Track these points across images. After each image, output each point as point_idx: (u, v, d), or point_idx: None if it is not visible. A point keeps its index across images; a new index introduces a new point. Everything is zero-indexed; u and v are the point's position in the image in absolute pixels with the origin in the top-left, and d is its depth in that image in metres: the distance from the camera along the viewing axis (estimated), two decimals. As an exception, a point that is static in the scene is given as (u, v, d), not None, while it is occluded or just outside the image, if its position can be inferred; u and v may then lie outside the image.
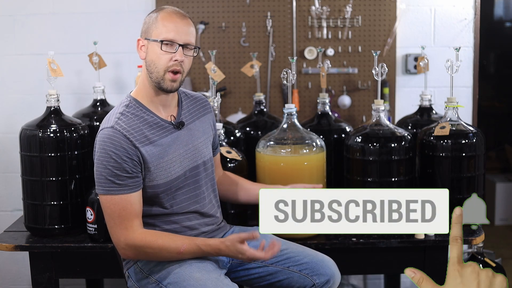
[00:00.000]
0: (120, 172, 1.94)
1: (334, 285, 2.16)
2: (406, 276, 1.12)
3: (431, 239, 2.37)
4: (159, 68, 1.99)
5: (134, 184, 1.97)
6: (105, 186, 1.95)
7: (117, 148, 1.94)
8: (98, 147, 1.97)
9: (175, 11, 2.02)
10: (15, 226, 2.59)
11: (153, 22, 2.01)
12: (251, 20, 3.18)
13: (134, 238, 1.96)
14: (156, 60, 1.99)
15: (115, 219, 1.97)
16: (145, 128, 2.00)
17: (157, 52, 1.99)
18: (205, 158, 2.14)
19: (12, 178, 3.20)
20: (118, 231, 1.97)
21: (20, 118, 2.91)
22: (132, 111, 2.02)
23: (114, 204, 1.96)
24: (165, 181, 2.02)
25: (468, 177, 2.49)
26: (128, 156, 1.94)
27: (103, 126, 1.99)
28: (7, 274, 3.35)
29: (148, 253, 1.98)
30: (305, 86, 3.22)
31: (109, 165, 1.94)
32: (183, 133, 2.08)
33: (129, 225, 1.96)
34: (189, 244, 1.97)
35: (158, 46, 1.98)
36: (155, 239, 1.97)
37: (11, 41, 3.17)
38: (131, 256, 2.01)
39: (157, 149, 2.00)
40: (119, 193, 1.95)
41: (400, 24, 3.19)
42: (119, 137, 1.95)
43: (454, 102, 2.53)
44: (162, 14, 2.01)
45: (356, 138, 2.47)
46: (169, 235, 2.01)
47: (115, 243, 2.01)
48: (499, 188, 4.55)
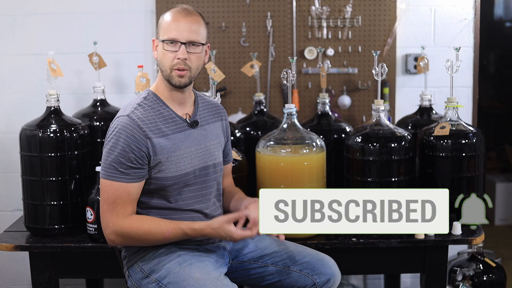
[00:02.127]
0: (124, 161, 1.96)
1: (335, 284, 2.16)
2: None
3: (431, 239, 2.37)
4: (166, 67, 2.04)
5: (135, 174, 1.99)
6: (108, 170, 1.99)
7: (129, 136, 1.97)
8: (111, 133, 2.01)
9: (180, 10, 2.06)
10: (15, 226, 2.59)
11: (161, 22, 2.07)
12: (251, 20, 3.18)
13: (121, 224, 1.99)
14: (162, 59, 2.05)
15: (109, 204, 1.99)
16: (160, 121, 2.04)
17: (162, 51, 2.04)
18: (216, 161, 2.17)
19: (12, 178, 3.20)
20: (108, 216, 2.00)
21: (20, 118, 2.92)
22: (149, 103, 2.06)
23: (111, 189, 1.98)
24: (174, 175, 2.04)
25: (468, 177, 2.49)
26: (137, 146, 1.97)
27: (119, 114, 2.04)
28: (7, 274, 3.35)
29: (134, 239, 2.01)
30: (305, 86, 3.22)
31: (116, 151, 1.97)
32: (197, 132, 2.11)
33: (120, 212, 1.99)
34: (174, 229, 2.00)
35: (162, 45, 2.04)
36: (141, 224, 1.99)
37: (11, 41, 3.17)
38: (117, 243, 2.03)
39: (169, 142, 2.03)
40: (119, 180, 1.98)
41: (400, 24, 3.19)
42: (133, 125, 1.98)
43: (454, 102, 2.53)
44: (167, 14, 2.06)
45: (356, 138, 2.47)
46: (154, 219, 2.03)
47: (103, 227, 2.03)
48: (499, 188, 4.55)
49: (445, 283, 2.42)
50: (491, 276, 2.90)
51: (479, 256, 2.93)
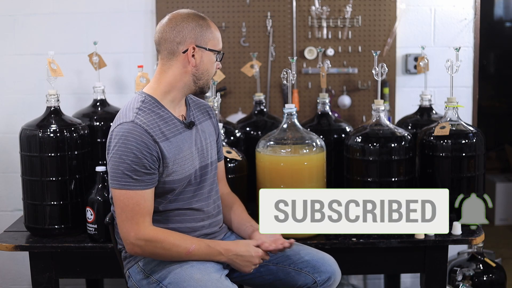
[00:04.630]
0: (138, 168, 1.94)
1: (335, 282, 2.17)
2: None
3: (431, 239, 2.37)
4: (210, 76, 2.10)
5: (150, 180, 1.97)
6: (121, 180, 1.95)
7: (138, 143, 1.94)
8: (117, 141, 1.95)
9: (209, 20, 2.11)
10: (15, 226, 2.59)
11: (206, 30, 2.05)
12: (251, 20, 3.18)
13: (146, 233, 1.96)
14: (210, 69, 2.08)
15: (127, 213, 1.96)
16: (162, 124, 2.02)
17: (212, 62, 2.07)
18: (212, 159, 2.17)
19: (12, 178, 3.20)
20: (128, 226, 1.96)
21: (20, 118, 2.91)
22: (148, 107, 2.03)
23: (128, 198, 1.95)
24: (180, 177, 2.03)
25: (468, 177, 2.49)
26: (148, 151, 1.95)
27: (122, 121, 1.98)
28: (7, 274, 3.35)
29: (158, 249, 1.98)
30: (305, 86, 3.21)
31: (128, 159, 1.93)
32: (193, 132, 2.11)
33: (140, 221, 1.96)
34: (199, 244, 2.01)
35: (214, 56, 2.07)
36: (167, 236, 1.98)
37: (11, 41, 3.17)
38: (138, 252, 2.00)
39: (172, 145, 2.02)
40: (134, 188, 1.95)
41: (400, 24, 3.19)
42: (141, 131, 1.95)
43: (454, 102, 2.53)
44: (210, 23, 2.08)
45: (356, 138, 2.47)
46: (179, 234, 2.02)
47: (124, 237, 1.99)
48: (499, 188, 4.55)
49: (445, 283, 2.42)
50: (491, 276, 2.90)
51: (479, 256, 2.93)
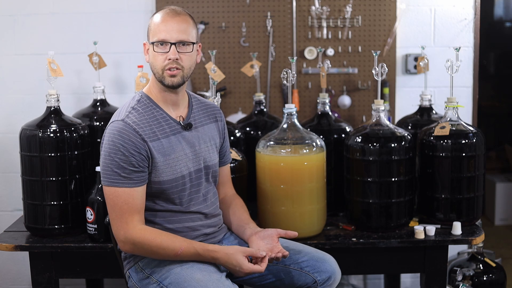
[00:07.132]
0: (126, 165, 1.96)
1: (335, 282, 2.17)
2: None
3: (431, 239, 2.37)
4: (158, 69, 2.04)
5: (138, 178, 1.99)
6: (110, 177, 1.98)
7: (126, 142, 1.97)
8: (107, 139, 1.99)
9: (168, 11, 2.06)
10: (15, 226, 2.59)
11: (150, 24, 2.08)
12: (251, 20, 3.18)
13: (133, 233, 1.98)
14: (153, 61, 2.05)
15: (117, 211, 1.99)
16: (154, 124, 2.04)
17: (153, 53, 2.05)
18: (210, 163, 2.17)
19: (12, 178, 3.20)
20: (118, 224, 2.00)
21: (20, 118, 2.92)
22: (143, 106, 2.06)
23: (116, 196, 1.98)
24: (170, 178, 2.04)
25: (468, 177, 2.49)
26: (136, 150, 1.97)
27: (114, 119, 2.03)
28: (7, 274, 3.35)
29: (146, 250, 2.00)
30: (305, 86, 3.21)
31: (116, 157, 1.96)
32: (190, 134, 2.11)
33: (129, 220, 1.98)
34: (187, 247, 2.00)
35: (153, 48, 2.04)
36: (153, 237, 1.98)
37: (11, 41, 3.17)
38: (128, 250, 2.03)
39: (164, 145, 2.03)
40: (123, 186, 1.97)
41: (400, 24, 3.19)
42: (129, 130, 1.98)
43: (454, 102, 2.53)
44: (155, 16, 2.07)
45: (356, 138, 2.47)
46: (168, 235, 2.02)
47: (115, 235, 2.03)
48: (499, 188, 4.55)
49: (445, 283, 2.42)
50: (491, 276, 2.90)
51: (479, 256, 2.93)
